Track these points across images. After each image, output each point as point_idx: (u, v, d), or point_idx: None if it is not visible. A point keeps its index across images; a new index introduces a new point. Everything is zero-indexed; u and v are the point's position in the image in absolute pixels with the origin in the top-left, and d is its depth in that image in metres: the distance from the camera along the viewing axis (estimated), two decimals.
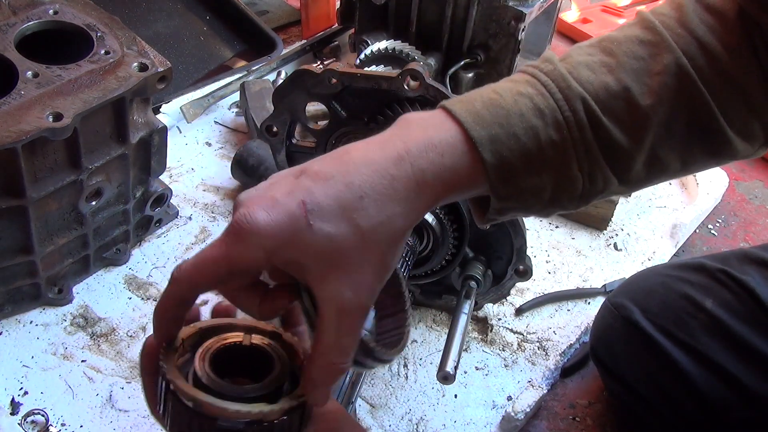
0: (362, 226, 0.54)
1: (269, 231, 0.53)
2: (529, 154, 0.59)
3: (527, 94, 0.61)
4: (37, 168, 0.93)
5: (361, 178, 0.55)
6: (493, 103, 0.60)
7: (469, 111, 0.59)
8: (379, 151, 0.57)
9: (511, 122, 0.59)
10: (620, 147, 0.62)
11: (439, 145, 0.58)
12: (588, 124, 0.61)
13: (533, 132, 0.59)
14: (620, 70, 0.62)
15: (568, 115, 0.60)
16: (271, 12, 1.77)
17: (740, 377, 0.91)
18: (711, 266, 0.99)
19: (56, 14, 1.01)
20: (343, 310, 0.55)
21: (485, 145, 0.58)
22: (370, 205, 0.55)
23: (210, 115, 1.48)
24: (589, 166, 0.62)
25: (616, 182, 0.64)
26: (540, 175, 0.60)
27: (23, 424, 0.96)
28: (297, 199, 0.54)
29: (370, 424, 1.02)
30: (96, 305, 1.12)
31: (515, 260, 1.05)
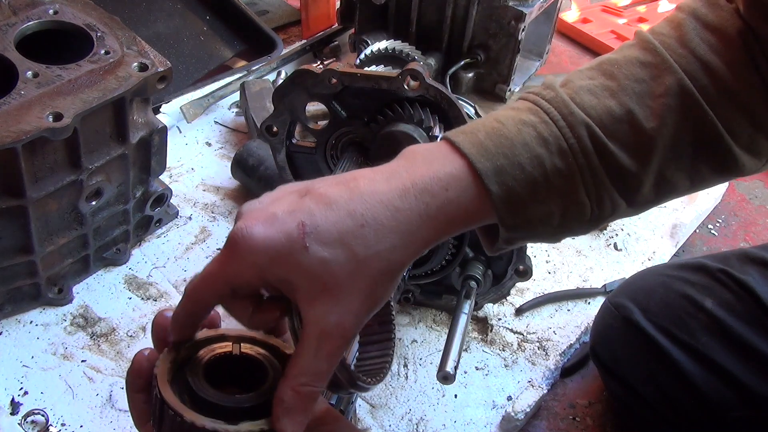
0: (358, 253, 0.54)
1: (263, 247, 0.53)
2: (536, 184, 0.59)
3: (530, 123, 0.60)
4: (37, 168, 0.93)
5: (364, 207, 0.55)
6: (497, 133, 0.60)
7: (473, 143, 0.59)
8: (385, 182, 0.57)
9: (516, 152, 0.59)
10: (627, 171, 0.62)
11: (444, 179, 0.57)
12: (593, 150, 0.60)
13: (538, 161, 0.59)
14: (622, 94, 0.62)
15: (573, 142, 0.60)
16: (271, 12, 1.77)
17: (740, 377, 0.91)
18: (711, 266, 0.99)
19: (56, 14, 1.01)
20: (324, 334, 0.54)
21: (491, 177, 0.58)
22: (370, 234, 0.55)
23: (210, 115, 1.48)
24: (597, 192, 0.61)
25: (624, 205, 0.63)
26: (547, 203, 0.60)
27: (23, 424, 0.96)
28: (297, 219, 0.54)
29: (370, 424, 1.02)
30: (96, 305, 1.12)
31: (515, 260, 1.05)
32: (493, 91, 1.49)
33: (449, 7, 1.33)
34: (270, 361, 0.60)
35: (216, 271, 0.55)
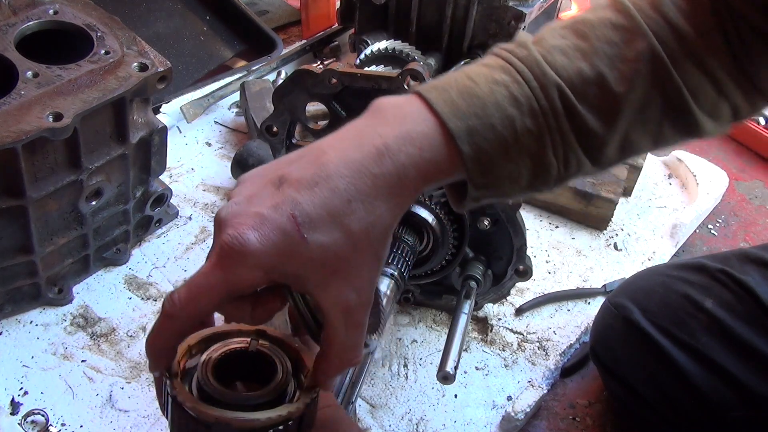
0: (354, 229, 0.54)
1: (264, 250, 0.53)
2: (506, 144, 0.60)
3: (503, 82, 0.60)
4: (37, 168, 0.93)
5: (344, 182, 0.55)
6: (469, 91, 0.59)
7: (446, 101, 0.59)
8: (356, 148, 0.56)
9: (488, 112, 0.59)
10: (594, 133, 0.62)
11: (418, 139, 0.57)
12: (563, 112, 0.61)
13: (510, 121, 0.59)
14: (594, 56, 0.62)
15: (544, 103, 0.60)
16: (271, 12, 1.77)
17: (740, 377, 0.91)
18: (711, 266, 0.99)
19: (56, 14, 1.01)
20: (348, 311, 0.56)
21: (463, 138, 0.58)
22: (358, 207, 0.55)
23: (210, 115, 1.48)
24: (564, 152, 0.62)
25: (589, 165, 0.64)
26: (516, 163, 0.61)
27: (23, 424, 0.96)
28: (285, 212, 0.53)
29: (370, 424, 1.02)
30: (96, 305, 1.12)
31: (515, 260, 1.05)
32: None
33: (449, 7, 1.33)
34: (281, 358, 0.60)
35: (212, 281, 0.54)
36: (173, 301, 0.54)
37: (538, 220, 1.36)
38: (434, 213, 0.96)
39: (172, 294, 0.54)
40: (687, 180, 1.47)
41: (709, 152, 1.63)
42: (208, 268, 0.54)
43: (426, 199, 0.96)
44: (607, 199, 1.31)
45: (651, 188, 1.46)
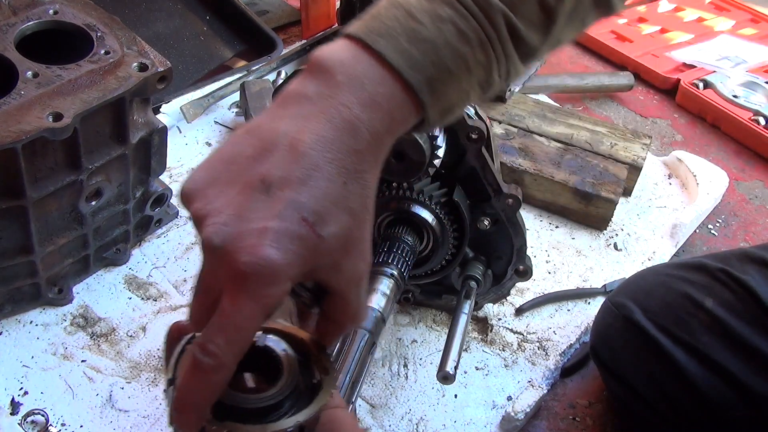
0: (356, 208, 0.54)
1: (291, 263, 0.50)
2: (460, 80, 0.60)
3: (448, 19, 0.59)
4: (37, 168, 0.93)
5: (334, 167, 0.53)
6: (418, 36, 0.58)
7: (400, 53, 0.57)
8: (328, 125, 0.54)
9: (441, 56, 0.58)
10: (533, 46, 0.64)
11: (384, 103, 0.56)
12: (509, 38, 0.62)
13: (462, 60, 0.60)
14: None
15: (492, 33, 0.60)
16: (271, 12, 1.77)
17: (740, 376, 0.91)
18: (711, 266, 0.99)
19: (56, 14, 1.01)
20: (360, 280, 0.57)
21: (424, 89, 0.58)
22: (353, 186, 0.54)
23: (210, 115, 1.48)
24: (507, 69, 0.64)
25: (522, 69, 0.66)
26: (467, 92, 0.62)
27: (23, 424, 0.96)
28: (294, 218, 0.51)
29: (370, 424, 1.02)
30: (96, 305, 1.12)
31: (515, 260, 1.05)
32: None
33: None
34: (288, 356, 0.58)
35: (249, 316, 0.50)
36: (213, 353, 0.49)
37: (538, 220, 1.36)
38: (434, 213, 0.96)
39: (204, 346, 0.50)
40: (687, 180, 1.47)
41: (709, 152, 1.63)
42: (233, 302, 0.50)
43: (426, 199, 0.96)
44: (607, 199, 1.31)
45: (651, 188, 1.46)
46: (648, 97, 1.81)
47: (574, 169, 1.35)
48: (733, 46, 1.95)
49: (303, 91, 0.56)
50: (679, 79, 1.79)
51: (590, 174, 1.35)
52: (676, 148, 1.59)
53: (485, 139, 0.94)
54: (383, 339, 1.12)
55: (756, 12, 2.16)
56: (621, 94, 1.78)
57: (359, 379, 0.82)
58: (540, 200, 1.37)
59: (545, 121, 1.47)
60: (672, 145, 1.64)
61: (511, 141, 1.41)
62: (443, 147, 0.91)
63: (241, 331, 0.50)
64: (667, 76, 1.81)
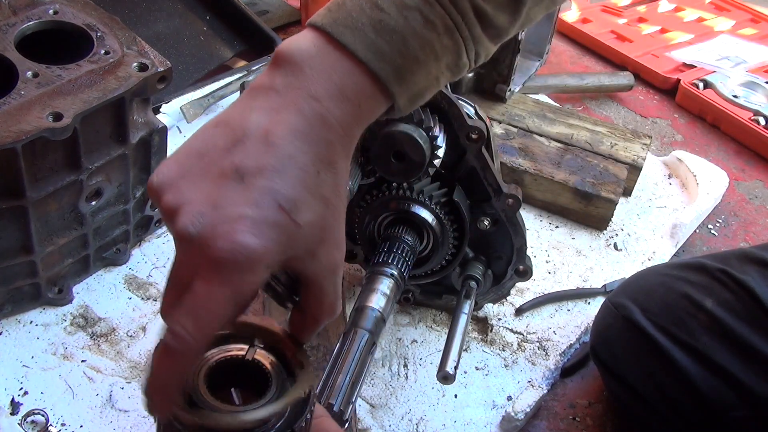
0: (328, 196, 0.55)
1: (268, 250, 0.50)
2: (428, 67, 0.61)
3: (414, 7, 0.59)
4: (37, 168, 0.93)
5: (307, 157, 0.53)
6: (385, 27, 0.58)
7: (367, 45, 0.57)
8: (299, 117, 0.54)
9: (408, 45, 0.59)
10: (503, 27, 0.64)
11: (352, 95, 0.57)
12: (476, 21, 0.62)
13: (430, 47, 0.60)
14: None
15: (458, 18, 0.61)
16: (271, 12, 1.77)
17: (740, 377, 0.91)
18: (711, 266, 0.99)
19: (56, 14, 1.01)
20: (336, 269, 0.57)
21: (392, 80, 0.58)
22: (326, 176, 0.55)
23: (210, 115, 1.48)
24: (476, 51, 0.64)
25: (492, 48, 0.67)
26: (437, 76, 0.62)
27: (23, 424, 0.96)
28: (271, 205, 0.51)
29: (370, 424, 1.02)
30: (96, 305, 1.12)
31: (515, 260, 1.05)
32: (493, 91, 1.49)
33: None
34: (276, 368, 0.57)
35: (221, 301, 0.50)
36: (179, 335, 0.49)
37: (538, 220, 1.36)
38: (434, 213, 0.96)
39: (172, 329, 0.50)
40: (687, 180, 1.47)
41: (709, 152, 1.63)
42: (206, 287, 0.50)
43: (426, 199, 0.96)
44: (607, 199, 1.31)
45: (651, 188, 1.46)
46: (648, 97, 1.81)
47: (574, 169, 1.35)
48: (733, 46, 1.95)
49: (271, 83, 0.56)
50: (679, 79, 1.79)
51: (590, 174, 1.35)
52: (676, 148, 1.59)
53: (485, 139, 0.94)
54: (383, 339, 1.12)
55: (756, 12, 2.16)
56: (621, 94, 1.78)
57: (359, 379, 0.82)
58: (540, 200, 1.37)
59: (545, 121, 1.47)
60: (672, 145, 1.64)
61: (511, 141, 1.41)
62: (443, 147, 0.91)
63: (210, 315, 0.50)
64: (667, 76, 1.81)
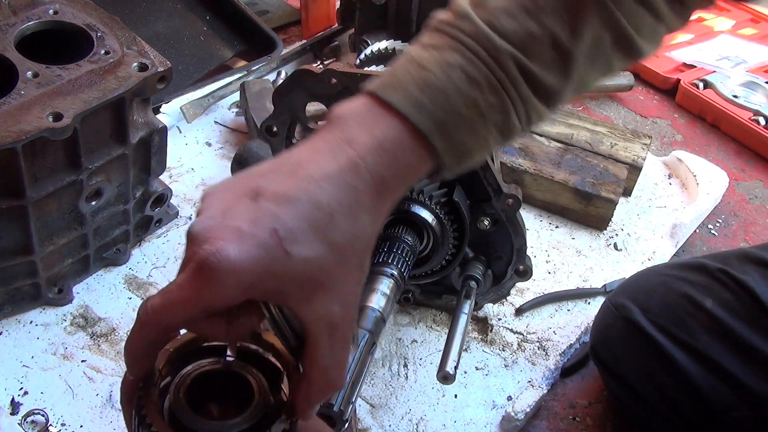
0: (338, 242, 0.54)
1: (245, 267, 0.50)
2: (474, 125, 0.60)
3: (457, 65, 0.60)
4: (37, 168, 0.93)
5: (326, 195, 0.54)
6: (428, 84, 0.59)
7: (409, 101, 0.58)
8: (333, 161, 0.55)
9: (451, 101, 0.59)
10: (552, 88, 0.63)
11: (391, 147, 0.57)
12: (522, 79, 0.61)
13: (474, 104, 0.60)
14: (540, 13, 0.62)
15: (502, 76, 0.61)
16: (271, 12, 1.77)
17: (740, 377, 0.91)
18: (711, 266, 0.99)
19: (56, 14, 1.01)
20: (333, 326, 0.54)
21: (435, 134, 0.58)
22: (342, 221, 0.54)
23: (210, 115, 1.48)
24: (526, 112, 0.63)
25: (547, 113, 0.66)
26: (485, 136, 0.62)
27: (23, 424, 0.96)
28: (266, 227, 0.51)
29: (370, 424, 1.02)
30: (96, 305, 1.12)
31: (515, 260, 1.05)
32: None
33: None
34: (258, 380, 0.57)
35: (187, 296, 0.51)
36: (147, 309, 0.53)
37: (538, 220, 1.36)
38: (434, 213, 0.96)
39: (147, 300, 0.53)
40: (687, 180, 1.47)
41: (709, 152, 1.63)
42: (184, 281, 0.52)
43: (426, 199, 0.96)
44: (607, 199, 1.31)
45: (651, 188, 1.46)
46: (648, 97, 1.81)
47: (574, 169, 1.35)
48: (733, 46, 1.95)
49: (321, 133, 0.58)
50: (679, 79, 1.79)
51: (590, 174, 1.35)
52: (676, 148, 1.59)
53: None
54: (383, 339, 1.12)
55: (756, 12, 2.16)
56: (621, 94, 1.78)
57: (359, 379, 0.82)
58: (540, 200, 1.37)
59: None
60: (672, 145, 1.64)
61: None
62: None
63: (173, 306, 0.52)
64: (667, 76, 1.81)
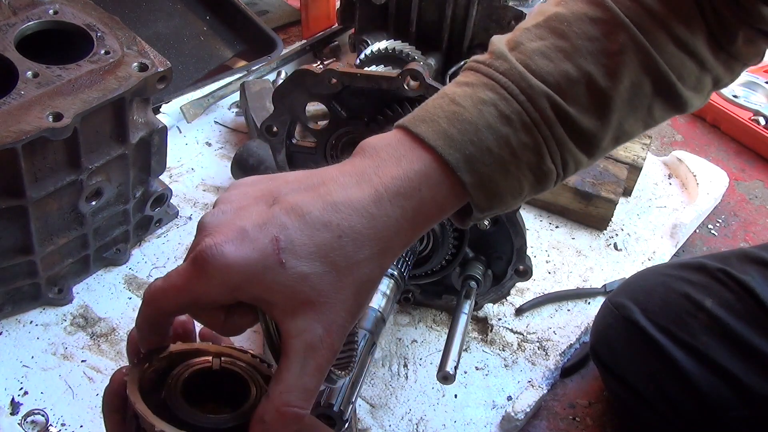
0: (339, 265, 0.53)
1: (236, 267, 0.51)
2: (505, 163, 0.59)
3: (490, 102, 0.59)
4: (37, 168, 0.93)
5: (339, 217, 0.53)
6: (458, 118, 0.58)
7: (437, 133, 0.58)
8: (356, 186, 0.55)
9: (482, 136, 0.58)
10: (589, 131, 0.62)
11: (416, 179, 0.56)
12: (556, 120, 0.60)
13: (505, 141, 0.59)
14: (577, 55, 0.61)
15: (535, 115, 0.60)
16: (271, 12, 1.77)
17: (740, 376, 0.91)
18: (711, 266, 0.99)
19: (56, 14, 1.01)
20: (311, 348, 0.52)
21: (462, 168, 0.57)
22: (349, 244, 0.53)
23: (210, 115, 1.48)
24: (561, 156, 0.62)
25: (585, 160, 0.64)
26: (518, 178, 0.60)
27: (23, 424, 0.96)
28: (270, 234, 0.52)
29: (370, 424, 1.02)
30: (96, 305, 1.12)
31: (515, 260, 1.05)
32: None
33: (449, 7, 1.33)
34: (253, 376, 0.57)
35: (181, 286, 0.52)
36: (149, 290, 0.54)
37: (538, 220, 1.36)
38: None
39: (153, 282, 0.55)
40: (687, 180, 1.47)
41: (709, 152, 1.63)
42: (183, 269, 0.53)
43: None
44: (607, 199, 1.31)
45: (651, 188, 1.46)
46: None
47: None
48: None
49: (352, 160, 0.58)
50: None
51: (590, 174, 1.35)
52: (676, 148, 1.59)
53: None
54: (383, 339, 1.12)
55: None
56: None
57: (359, 379, 0.82)
58: (540, 200, 1.37)
59: None
60: (672, 145, 1.64)
61: None
62: None
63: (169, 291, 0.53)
64: None
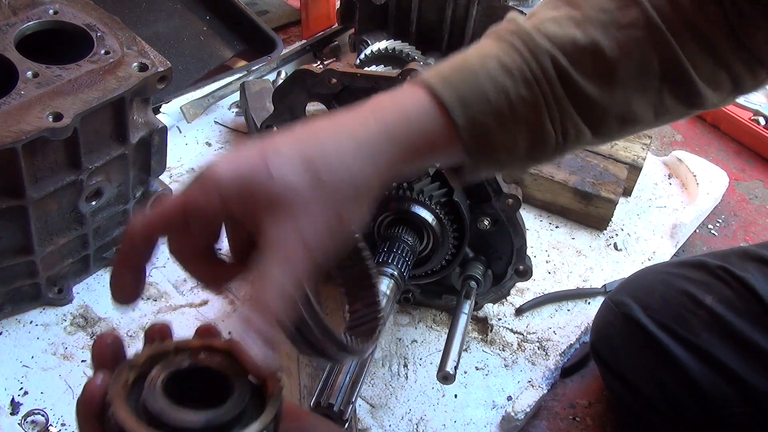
0: (323, 178, 0.54)
1: (227, 176, 0.53)
2: (501, 113, 0.60)
3: (494, 55, 0.60)
4: (37, 168, 0.93)
5: (325, 134, 0.56)
6: (460, 66, 0.60)
7: (436, 75, 0.60)
8: (347, 115, 0.58)
9: (480, 82, 0.59)
10: (591, 99, 0.62)
11: (406, 109, 0.58)
12: (557, 79, 0.61)
13: (504, 91, 0.59)
14: (587, 24, 0.62)
15: (537, 71, 0.60)
16: (271, 12, 1.77)
17: (740, 373, 0.91)
18: (711, 263, 0.99)
19: (56, 14, 1.01)
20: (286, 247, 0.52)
21: (456, 108, 0.58)
22: (334, 159, 0.55)
23: (210, 115, 1.48)
24: (561, 120, 0.62)
25: (589, 134, 0.64)
26: (513, 132, 0.61)
27: (23, 424, 0.96)
28: (259, 149, 0.55)
29: (370, 424, 1.02)
30: (96, 305, 1.12)
31: (515, 260, 1.05)
32: None
33: (449, 7, 1.33)
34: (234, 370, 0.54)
35: (174, 200, 0.55)
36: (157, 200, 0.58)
37: (538, 220, 1.36)
38: (434, 213, 0.96)
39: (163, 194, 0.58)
40: (687, 180, 1.47)
41: (709, 152, 1.63)
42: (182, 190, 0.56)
43: (426, 200, 0.96)
44: (607, 199, 1.31)
45: (651, 188, 1.46)
46: None
47: (574, 169, 1.35)
48: None
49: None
50: None
51: (590, 174, 1.35)
52: (676, 148, 1.59)
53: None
54: (383, 339, 1.12)
55: None
56: None
57: (359, 379, 0.82)
58: (540, 200, 1.37)
59: None
60: (672, 145, 1.64)
61: None
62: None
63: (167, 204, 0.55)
64: None
